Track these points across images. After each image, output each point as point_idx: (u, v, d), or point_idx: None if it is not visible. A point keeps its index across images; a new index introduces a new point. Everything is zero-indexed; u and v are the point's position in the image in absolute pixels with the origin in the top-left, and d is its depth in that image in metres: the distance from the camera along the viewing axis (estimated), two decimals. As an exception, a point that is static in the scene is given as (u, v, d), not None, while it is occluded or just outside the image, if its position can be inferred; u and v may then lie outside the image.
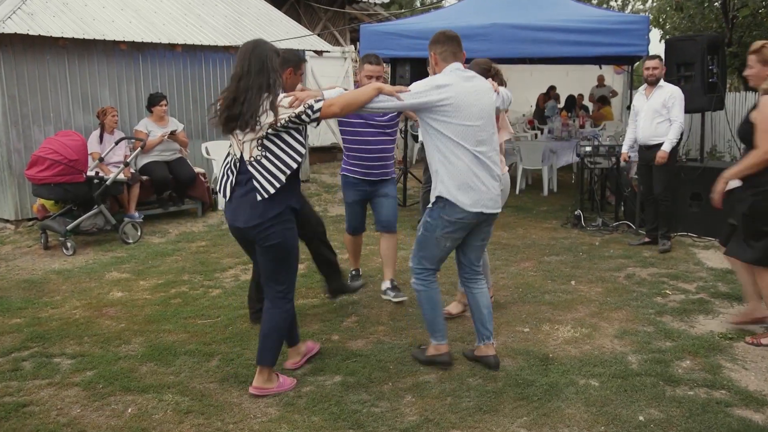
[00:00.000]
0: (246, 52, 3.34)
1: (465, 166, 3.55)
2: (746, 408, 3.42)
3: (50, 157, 6.37)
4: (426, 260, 3.77)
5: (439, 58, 3.65)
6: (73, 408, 3.45)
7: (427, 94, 3.49)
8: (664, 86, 6.41)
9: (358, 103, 3.44)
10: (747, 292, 4.41)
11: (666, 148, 6.29)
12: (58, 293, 5.34)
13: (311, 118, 3.31)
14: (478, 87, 3.64)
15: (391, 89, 3.48)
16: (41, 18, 7.59)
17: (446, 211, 3.60)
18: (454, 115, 3.50)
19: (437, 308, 3.84)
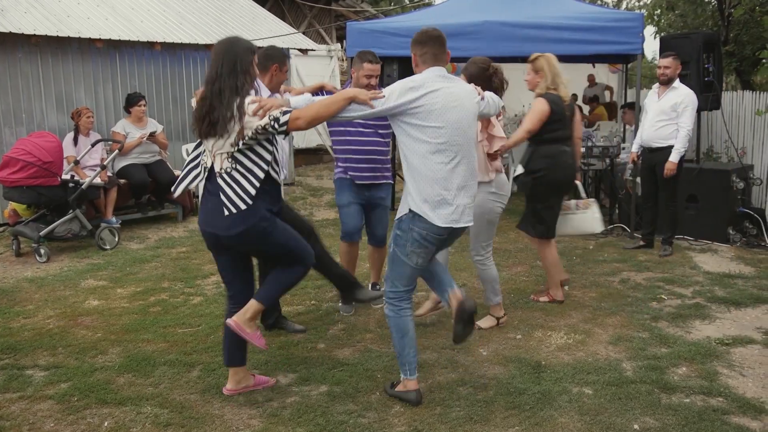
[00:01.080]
0: (219, 53, 3.30)
1: (435, 178, 3.40)
2: (743, 415, 3.45)
3: (23, 159, 6.32)
4: (398, 281, 3.59)
5: (419, 60, 3.53)
6: (46, 422, 3.43)
7: (400, 97, 3.34)
8: (678, 88, 6.35)
9: (327, 115, 3.34)
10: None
11: (674, 159, 6.25)
12: (31, 302, 5.31)
13: (277, 131, 3.23)
14: (457, 92, 3.47)
15: (365, 98, 3.33)
16: (12, 14, 7.56)
17: (415, 223, 3.46)
18: (426, 119, 3.35)
19: (407, 338, 3.58)
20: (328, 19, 14.75)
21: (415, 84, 3.38)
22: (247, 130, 3.22)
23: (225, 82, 3.23)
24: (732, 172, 6.96)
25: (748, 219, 7.04)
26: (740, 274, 5.93)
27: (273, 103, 3.27)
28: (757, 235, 6.96)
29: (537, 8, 7.60)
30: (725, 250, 6.74)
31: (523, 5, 7.71)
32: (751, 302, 5.16)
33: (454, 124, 3.41)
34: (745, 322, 4.78)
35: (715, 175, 7.03)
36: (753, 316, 4.90)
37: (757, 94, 8.44)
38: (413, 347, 3.62)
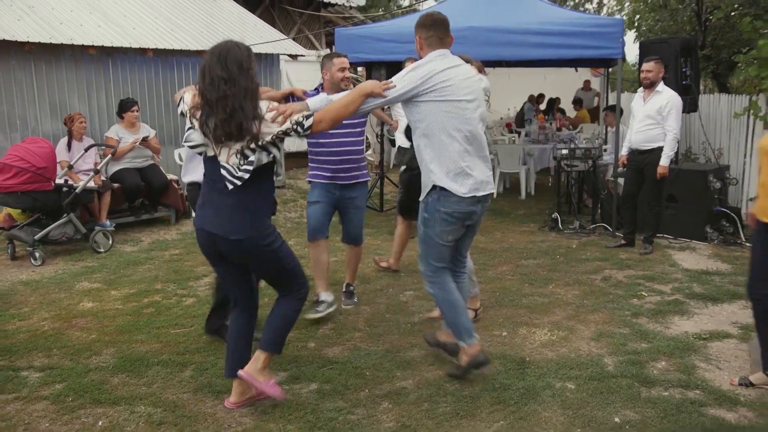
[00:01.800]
0: (223, 54, 3.12)
1: (455, 151, 3.50)
2: (720, 407, 3.49)
3: (17, 165, 6.29)
4: (433, 259, 3.69)
5: (425, 43, 3.56)
6: (41, 422, 3.42)
7: (411, 79, 3.43)
8: (662, 91, 6.39)
9: (347, 114, 3.37)
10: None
11: (664, 163, 6.31)
12: (26, 305, 5.28)
13: (301, 135, 3.20)
14: (464, 70, 3.59)
15: (379, 90, 3.40)
16: (5, 21, 7.52)
17: (441, 202, 3.55)
18: (442, 92, 3.44)
19: (457, 308, 3.70)
20: (318, 25, 14.74)
21: (424, 65, 3.46)
22: (266, 135, 3.12)
23: (240, 83, 3.09)
24: (709, 173, 7.02)
25: (724, 217, 7.10)
26: (717, 271, 5.98)
27: (293, 108, 3.21)
28: (734, 233, 7.02)
29: (521, 14, 7.65)
30: (703, 248, 6.79)
31: (507, 11, 7.74)
32: (727, 298, 5.21)
33: (468, 97, 3.51)
34: (721, 318, 4.82)
35: (693, 175, 7.10)
36: (729, 312, 4.95)
37: (733, 97, 8.51)
38: (465, 314, 3.75)
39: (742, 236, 6.95)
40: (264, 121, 3.12)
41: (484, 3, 8.00)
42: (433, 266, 3.70)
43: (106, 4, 9.00)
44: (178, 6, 9.92)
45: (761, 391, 3.67)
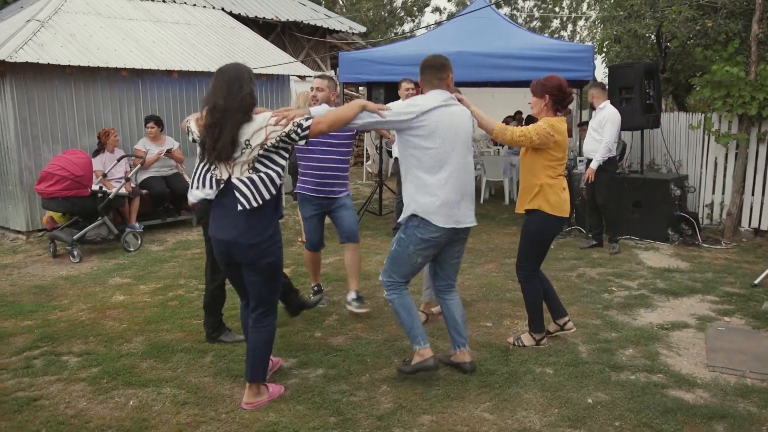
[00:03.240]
0: (223, 79, 3.05)
1: (438, 184, 3.38)
2: (679, 389, 3.50)
3: (58, 173, 6.30)
4: (396, 274, 3.55)
5: (425, 83, 3.51)
6: (79, 401, 3.42)
7: (406, 115, 3.34)
8: (604, 108, 6.53)
9: (345, 120, 3.23)
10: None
11: (592, 166, 6.43)
12: (66, 297, 5.27)
13: (300, 136, 3.07)
14: (455, 112, 3.47)
15: (374, 107, 3.31)
16: (50, 48, 7.52)
17: (420, 230, 3.41)
18: (430, 136, 3.35)
19: (412, 312, 3.56)
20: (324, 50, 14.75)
21: (416, 103, 3.39)
22: (271, 138, 3.03)
23: (235, 106, 3.01)
24: (670, 182, 7.03)
25: (684, 221, 7.09)
26: (678, 268, 5.98)
27: (296, 112, 3.14)
28: (692, 235, 7.02)
29: (504, 40, 7.66)
30: (665, 248, 6.79)
31: (492, 38, 7.76)
32: (686, 292, 5.21)
33: (453, 138, 3.40)
34: (681, 310, 4.82)
35: (656, 184, 7.10)
36: (688, 305, 4.95)
37: (690, 114, 8.53)
38: (420, 320, 3.62)
39: (699, 238, 6.95)
40: (268, 127, 3.03)
41: (471, 31, 8.01)
42: (395, 280, 3.55)
43: (137, 32, 9.00)
44: (201, 33, 9.91)
45: (715, 375, 3.68)
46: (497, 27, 8.17)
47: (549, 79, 3.95)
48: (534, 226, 4.00)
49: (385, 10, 24.81)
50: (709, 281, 5.52)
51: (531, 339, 4.12)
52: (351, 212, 4.76)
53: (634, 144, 8.75)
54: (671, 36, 8.78)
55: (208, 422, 3.18)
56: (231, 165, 3.08)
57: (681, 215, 7.08)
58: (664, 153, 8.79)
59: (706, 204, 7.76)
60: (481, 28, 8.04)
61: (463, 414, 3.24)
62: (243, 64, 3.20)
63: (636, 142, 8.54)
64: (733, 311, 4.76)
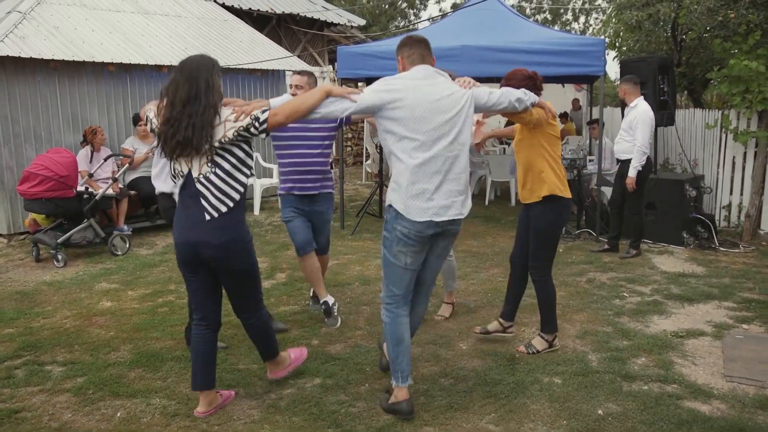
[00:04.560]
0: (191, 73, 3.03)
1: (415, 174, 3.14)
2: (695, 400, 3.50)
3: (42, 173, 6.32)
4: (392, 284, 3.33)
5: (407, 61, 3.30)
6: (64, 413, 3.42)
7: (378, 94, 3.12)
8: (636, 106, 6.43)
9: (305, 109, 3.07)
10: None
11: (631, 174, 6.34)
12: (50, 304, 5.28)
13: (259, 130, 3.02)
14: (439, 89, 3.21)
15: (341, 91, 3.12)
16: (33, 41, 7.54)
17: (397, 221, 3.20)
18: (406, 119, 3.12)
19: (401, 346, 3.33)
20: (321, 44, 14.78)
21: (394, 83, 3.17)
22: (229, 131, 3.01)
23: (199, 104, 2.99)
24: (685, 182, 7.04)
25: (699, 224, 7.11)
26: (693, 273, 5.99)
27: (252, 105, 3.09)
28: (708, 238, 7.03)
29: (510, 34, 7.67)
30: (680, 252, 6.80)
31: (497, 31, 7.77)
32: (702, 299, 5.22)
33: (432, 118, 3.15)
34: (697, 317, 4.83)
35: (670, 184, 7.12)
36: (704, 311, 4.96)
37: (707, 111, 8.54)
38: (407, 355, 3.36)
39: (716, 241, 6.97)
40: (227, 122, 3.02)
41: (475, 23, 8.03)
42: (393, 293, 3.34)
43: (125, 25, 9.03)
44: (192, 26, 9.94)
45: (733, 385, 3.68)
46: (503, 19, 8.18)
47: (512, 76, 3.94)
48: (552, 215, 4.00)
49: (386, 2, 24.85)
50: (727, 287, 5.53)
51: (543, 342, 4.15)
52: (328, 227, 4.76)
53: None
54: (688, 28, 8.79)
55: (199, 435, 3.19)
56: (190, 161, 3.08)
57: (696, 217, 7.10)
58: (678, 152, 8.80)
59: (724, 205, 7.77)
60: (486, 20, 8.06)
61: (467, 426, 3.25)
62: (208, 55, 3.16)
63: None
64: (752, 318, 4.77)
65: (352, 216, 8.69)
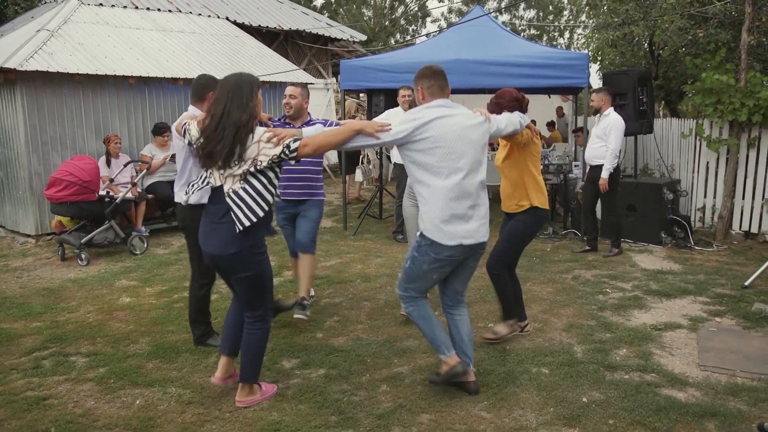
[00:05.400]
0: (227, 88, 3.05)
1: (445, 201, 3.14)
2: (672, 388, 3.50)
3: (66, 179, 6.33)
4: (412, 289, 3.38)
5: (427, 93, 3.25)
6: (87, 401, 3.42)
7: (406, 129, 3.11)
8: (609, 114, 6.45)
9: (334, 144, 3.11)
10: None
11: (603, 176, 6.36)
12: (74, 299, 5.28)
13: (288, 157, 3.04)
14: (459, 119, 3.21)
15: (371, 130, 3.11)
16: (59, 56, 7.55)
17: (432, 248, 3.20)
18: (432, 150, 3.12)
19: (432, 322, 3.37)
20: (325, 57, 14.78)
21: (417, 115, 3.16)
22: (263, 157, 3.01)
23: (235, 116, 2.99)
24: (663, 186, 7.04)
25: (676, 224, 7.11)
26: (670, 270, 5.99)
27: (287, 133, 3.08)
28: (684, 238, 7.03)
29: (501, 49, 7.68)
30: (658, 251, 6.80)
31: (489, 46, 7.77)
32: (679, 294, 5.22)
33: (458, 148, 3.15)
34: (674, 311, 4.82)
35: (649, 188, 7.11)
36: (680, 306, 4.95)
37: (683, 121, 8.54)
38: (441, 328, 3.41)
39: (692, 241, 6.96)
40: (261, 143, 3.02)
41: (469, 39, 8.03)
42: (411, 294, 3.38)
43: (144, 41, 9.03)
44: (205, 42, 9.95)
45: (707, 374, 3.68)
46: (494, 35, 8.18)
47: (501, 96, 3.98)
48: (529, 223, 4.08)
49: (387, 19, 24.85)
50: (701, 283, 5.52)
51: (505, 327, 4.20)
52: (311, 223, 4.54)
53: (628, 149, 8.76)
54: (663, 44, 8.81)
55: (212, 421, 3.19)
56: (224, 176, 3.08)
57: (674, 218, 7.09)
58: (657, 158, 8.81)
59: (698, 207, 7.77)
60: (478, 36, 8.06)
61: (461, 413, 3.24)
62: (248, 73, 3.20)
63: (630, 147, 8.57)
64: (724, 312, 4.77)
65: (353, 217, 8.68)
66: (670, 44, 8.20)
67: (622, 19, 9.31)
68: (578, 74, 7.07)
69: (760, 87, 6.86)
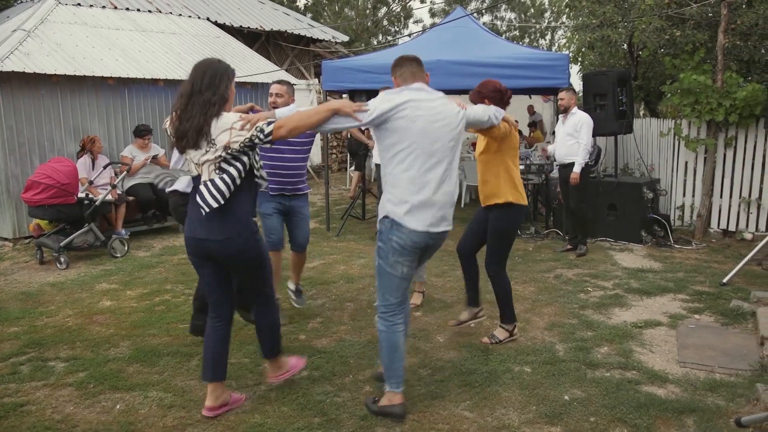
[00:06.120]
0: (199, 69, 3.02)
1: (410, 185, 3.07)
2: (652, 385, 3.54)
3: (44, 182, 6.23)
4: (388, 293, 3.19)
5: (399, 80, 3.23)
6: (66, 406, 3.38)
7: (383, 108, 3.05)
8: (576, 113, 6.56)
9: (309, 125, 3.02)
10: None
11: (576, 170, 6.42)
12: (53, 303, 5.20)
13: (263, 141, 2.96)
14: (435, 104, 3.15)
15: (349, 110, 3.03)
16: (36, 57, 7.43)
17: (393, 232, 3.10)
18: (405, 130, 3.05)
19: (397, 353, 3.20)
20: (307, 58, 14.73)
21: (393, 96, 3.11)
22: (234, 143, 2.94)
23: (206, 96, 2.94)
24: (643, 185, 7.12)
25: (656, 223, 7.20)
26: (651, 268, 6.06)
27: (259, 116, 3.00)
28: (664, 237, 7.12)
29: (482, 49, 7.71)
30: (639, 249, 6.88)
31: (470, 47, 7.80)
32: (659, 292, 5.28)
33: (431, 132, 3.09)
34: (654, 309, 4.88)
35: (629, 187, 7.19)
36: (660, 303, 5.02)
37: (661, 121, 8.65)
38: (402, 361, 3.24)
39: (671, 239, 7.05)
40: (233, 130, 2.94)
41: (450, 40, 8.06)
42: (389, 302, 3.20)
43: (124, 42, 8.93)
44: (186, 43, 9.87)
45: (686, 370, 3.73)
46: (475, 36, 8.22)
47: (484, 85, 4.00)
48: (510, 218, 4.08)
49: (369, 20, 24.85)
50: (681, 281, 5.60)
51: (504, 332, 4.20)
52: (306, 223, 4.66)
53: (608, 149, 8.86)
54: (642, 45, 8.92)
55: (194, 425, 3.16)
56: (200, 166, 3.02)
57: (653, 217, 7.18)
58: (636, 158, 8.91)
59: (677, 206, 7.87)
60: (459, 37, 8.09)
61: (443, 413, 3.25)
62: (224, 61, 3.10)
63: (610, 147, 8.66)
64: (703, 309, 4.84)
65: (337, 219, 8.67)
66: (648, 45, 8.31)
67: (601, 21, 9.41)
68: (559, 75, 7.13)
69: (736, 87, 6.97)
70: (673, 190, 7.92)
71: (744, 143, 7.25)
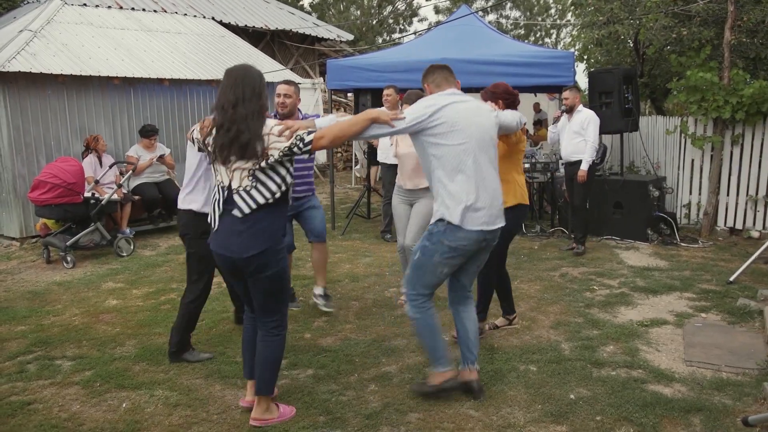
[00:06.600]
0: (237, 78, 2.91)
1: (463, 187, 3.12)
2: (658, 383, 3.53)
3: (51, 181, 6.26)
4: (421, 286, 3.26)
5: (432, 86, 3.27)
6: (73, 404, 3.39)
7: (420, 116, 3.08)
8: (582, 111, 6.54)
9: (350, 134, 3.02)
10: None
11: (584, 167, 6.38)
12: (60, 302, 5.23)
13: (302, 150, 2.88)
14: (473, 105, 3.22)
15: (386, 118, 3.04)
16: (42, 57, 7.47)
17: (446, 236, 3.13)
18: (449, 134, 3.10)
19: (436, 334, 3.29)
20: (312, 57, 14.74)
21: (430, 102, 3.15)
22: (273, 151, 2.85)
23: (248, 106, 2.85)
24: (649, 183, 7.09)
25: (662, 221, 7.16)
26: (657, 267, 6.03)
27: (300, 124, 2.96)
28: (670, 235, 7.08)
29: (487, 48, 7.69)
30: (645, 248, 6.85)
31: (475, 45, 7.78)
32: (665, 290, 5.26)
33: (475, 134, 3.16)
34: (660, 307, 4.86)
35: (635, 185, 7.16)
36: (666, 302, 4.99)
37: (668, 118, 8.61)
38: (443, 341, 3.33)
39: (677, 237, 7.02)
40: (271, 135, 2.86)
41: (455, 38, 8.04)
42: (420, 293, 3.27)
43: (129, 42, 8.96)
44: (192, 42, 9.88)
45: (692, 369, 3.71)
46: (480, 34, 8.20)
47: (497, 86, 4.05)
48: (516, 219, 4.10)
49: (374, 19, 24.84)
50: (687, 279, 5.57)
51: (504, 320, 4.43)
52: (319, 212, 4.67)
53: (614, 147, 8.82)
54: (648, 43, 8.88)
55: (199, 423, 3.17)
56: (230, 170, 2.90)
57: (659, 215, 7.14)
58: (642, 155, 8.86)
59: (684, 204, 7.83)
60: (464, 35, 8.07)
61: (449, 411, 3.24)
62: (253, 66, 3.04)
63: (616, 145, 8.62)
64: (710, 308, 4.81)
65: (342, 217, 8.67)
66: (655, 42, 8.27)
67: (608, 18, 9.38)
68: (564, 73, 7.09)
69: (743, 85, 6.93)
70: (679, 187, 7.88)
71: (751, 140, 7.21)
